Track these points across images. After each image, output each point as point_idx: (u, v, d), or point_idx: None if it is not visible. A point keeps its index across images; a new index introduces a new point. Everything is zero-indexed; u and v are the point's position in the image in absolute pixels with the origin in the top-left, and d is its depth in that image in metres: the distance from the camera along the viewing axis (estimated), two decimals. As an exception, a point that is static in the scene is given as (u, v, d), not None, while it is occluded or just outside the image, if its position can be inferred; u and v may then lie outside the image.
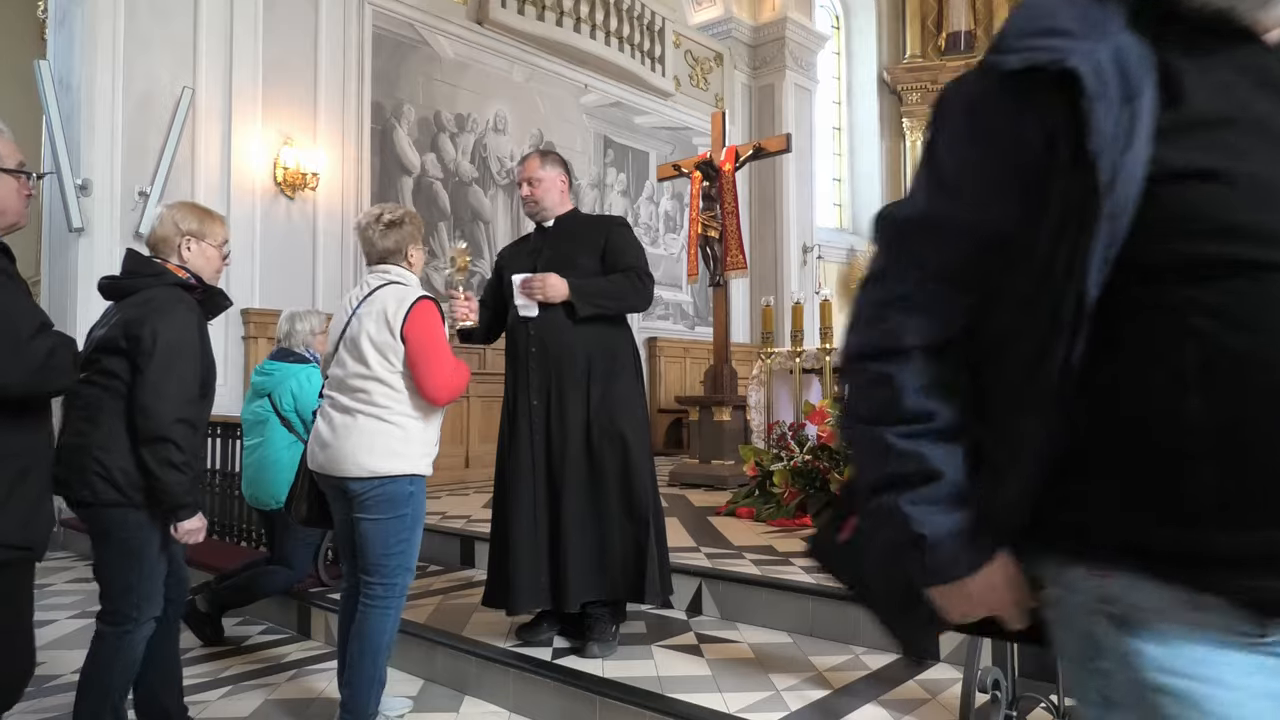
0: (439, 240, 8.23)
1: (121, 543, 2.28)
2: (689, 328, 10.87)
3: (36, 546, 1.90)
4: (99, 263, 5.98)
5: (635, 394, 3.10)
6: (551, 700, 2.76)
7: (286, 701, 2.99)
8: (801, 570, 3.52)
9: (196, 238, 2.46)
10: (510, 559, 2.93)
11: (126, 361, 2.24)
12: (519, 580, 2.91)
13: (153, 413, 2.21)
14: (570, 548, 2.90)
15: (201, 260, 2.47)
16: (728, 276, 6.61)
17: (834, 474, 4.60)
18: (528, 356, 3.04)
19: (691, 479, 6.51)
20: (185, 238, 2.44)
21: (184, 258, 2.44)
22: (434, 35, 8.25)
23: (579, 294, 2.96)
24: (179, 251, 2.44)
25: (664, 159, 9.88)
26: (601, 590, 2.96)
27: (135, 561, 2.29)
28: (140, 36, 6.27)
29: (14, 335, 1.76)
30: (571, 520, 2.92)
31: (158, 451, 2.21)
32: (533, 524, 2.95)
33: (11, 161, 1.93)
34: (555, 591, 2.92)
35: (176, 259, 2.44)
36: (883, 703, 2.51)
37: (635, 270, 3.07)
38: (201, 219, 2.49)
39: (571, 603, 2.91)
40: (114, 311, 2.36)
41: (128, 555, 2.28)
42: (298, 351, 3.79)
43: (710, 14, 11.85)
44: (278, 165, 6.95)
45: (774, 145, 6.65)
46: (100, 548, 2.32)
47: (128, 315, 2.27)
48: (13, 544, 1.84)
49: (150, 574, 2.32)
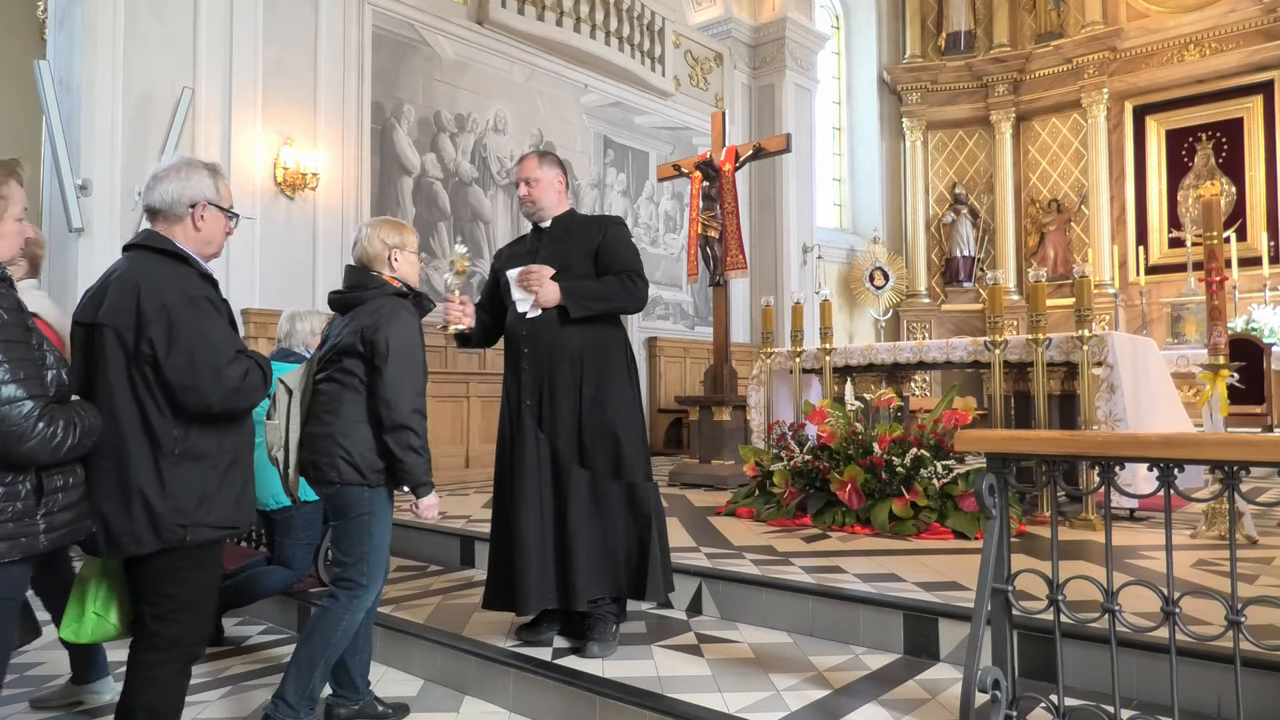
0: (439, 240, 8.23)
1: (358, 518, 2.61)
2: (689, 328, 10.87)
3: (242, 525, 2.23)
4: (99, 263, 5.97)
5: (629, 393, 3.10)
6: (551, 700, 2.76)
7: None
8: (801, 570, 3.52)
9: (400, 249, 2.76)
10: (518, 559, 2.93)
11: (363, 363, 2.61)
12: (528, 580, 2.91)
13: (394, 405, 2.56)
14: (577, 546, 2.91)
15: (407, 267, 2.78)
16: (728, 276, 6.61)
17: (834, 474, 4.61)
18: (521, 357, 3.05)
19: (691, 479, 6.51)
20: (392, 250, 2.75)
21: (394, 268, 2.75)
22: (434, 35, 8.25)
23: (570, 296, 2.97)
24: (389, 264, 2.75)
25: (664, 159, 9.88)
26: (606, 588, 2.97)
27: (367, 535, 2.62)
28: (140, 36, 6.27)
29: (214, 363, 2.07)
30: (578, 519, 2.93)
31: (400, 438, 2.57)
32: (539, 523, 2.95)
33: (227, 202, 2.29)
34: (563, 590, 2.93)
35: (388, 270, 2.75)
36: (883, 703, 2.51)
37: (628, 272, 3.07)
38: (400, 231, 2.79)
39: (580, 601, 2.91)
40: (345, 320, 2.70)
41: (362, 529, 2.62)
42: (298, 351, 3.79)
43: (710, 14, 11.86)
44: (278, 165, 6.95)
45: (774, 145, 6.65)
46: (339, 524, 2.67)
47: (362, 323, 2.62)
48: (226, 524, 2.15)
49: (379, 546, 2.66)
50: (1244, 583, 3.10)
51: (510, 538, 2.98)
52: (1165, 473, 1.89)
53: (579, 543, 2.91)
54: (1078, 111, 12.89)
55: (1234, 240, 10.85)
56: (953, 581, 3.26)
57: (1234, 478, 1.83)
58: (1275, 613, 2.64)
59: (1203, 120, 12.00)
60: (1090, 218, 12.65)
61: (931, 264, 13.95)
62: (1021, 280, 13.04)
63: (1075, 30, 12.77)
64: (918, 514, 4.32)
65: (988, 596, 2.10)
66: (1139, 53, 12.36)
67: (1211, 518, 4.04)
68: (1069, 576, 2.05)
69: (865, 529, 4.41)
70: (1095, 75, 12.58)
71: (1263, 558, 3.60)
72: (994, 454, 2.15)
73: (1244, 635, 1.81)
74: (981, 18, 13.77)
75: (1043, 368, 4.59)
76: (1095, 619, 1.97)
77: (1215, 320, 3.84)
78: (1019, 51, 13.32)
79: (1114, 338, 4.57)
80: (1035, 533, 4.22)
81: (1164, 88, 12.26)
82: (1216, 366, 3.85)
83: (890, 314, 13.66)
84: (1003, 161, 13.46)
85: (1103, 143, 12.58)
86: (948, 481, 4.37)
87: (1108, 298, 12.13)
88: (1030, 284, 4.74)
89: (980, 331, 11.15)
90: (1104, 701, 2.02)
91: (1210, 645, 2.13)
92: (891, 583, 3.27)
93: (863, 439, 4.62)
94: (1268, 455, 1.77)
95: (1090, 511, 4.36)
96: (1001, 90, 13.43)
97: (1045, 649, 2.42)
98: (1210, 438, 1.90)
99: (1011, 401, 5.07)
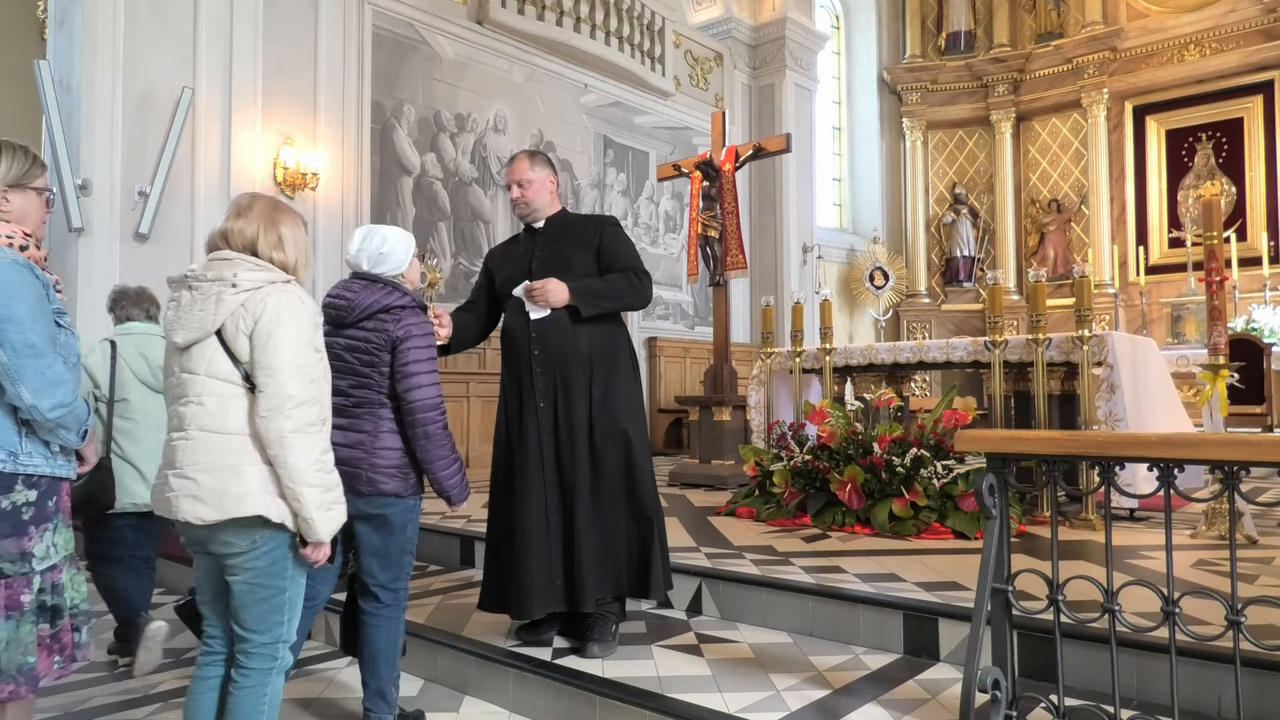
0: (439, 240, 8.23)
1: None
2: (689, 328, 10.87)
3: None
4: (99, 263, 5.98)
5: (635, 392, 3.12)
6: (551, 700, 2.76)
7: (287, 701, 2.98)
8: (801, 570, 3.52)
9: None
10: (521, 562, 2.92)
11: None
12: (533, 583, 2.90)
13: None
14: (584, 548, 2.91)
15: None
16: (728, 276, 6.61)
17: (834, 474, 4.61)
18: (530, 359, 3.03)
19: (691, 479, 6.51)
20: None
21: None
22: (434, 35, 8.25)
23: (580, 295, 2.97)
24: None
25: (664, 159, 9.88)
26: (608, 587, 2.97)
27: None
28: (140, 36, 6.27)
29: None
30: (584, 521, 2.93)
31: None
32: (544, 526, 2.94)
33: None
34: (570, 592, 2.92)
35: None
36: (883, 703, 2.51)
37: (633, 269, 3.09)
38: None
39: (587, 602, 2.91)
40: None
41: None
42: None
43: (710, 14, 11.86)
44: (277, 165, 6.95)
45: (774, 145, 6.65)
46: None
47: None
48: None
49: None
50: (1244, 583, 3.10)
51: (512, 540, 2.97)
52: (1165, 473, 1.89)
53: (585, 543, 2.91)
54: (1078, 111, 12.89)
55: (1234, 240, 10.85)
56: (953, 581, 3.26)
57: (1234, 478, 1.83)
58: (1275, 613, 2.64)
59: (1203, 120, 12.01)
60: (1090, 218, 12.65)
61: (931, 264, 13.95)
62: (1021, 280, 13.04)
63: (1075, 30, 12.77)
64: (918, 514, 4.32)
65: (988, 596, 2.10)
66: (1139, 53, 12.36)
67: (1211, 518, 4.04)
68: (1069, 576, 2.05)
69: (865, 529, 4.41)
70: (1095, 75, 12.58)
71: (1263, 558, 3.60)
72: (994, 454, 2.15)
73: (1244, 635, 1.81)
74: (981, 18, 13.77)
75: (1043, 368, 4.59)
76: (1095, 619, 1.97)
77: (1215, 320, 3.84)
78: (1019, 51, 13.32)
79: (1114, 338, 4.57)
80: (1035, 533, 4.22)
81: (1164, 88, 12.26)
82: (1216, 366, 3.85)
83: (890, 314, 13.66)
84: (1003, 161, 13.46)
85: (1103, 143, 12.58)
86: (948, 481, 4.37)
87: (1108, 298, 12.13)
88: (1030, 284, 4.74)
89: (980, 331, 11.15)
90: (1104, 701, 2.02)
91: (1210, 645, 2.13)
92: (891, 583, 3.27)
93: (863, 439, 4.62)
94: (1268, 455, 1.77)
95: (1090, 511, 4.36)
96: (1001, 90, 13.44)
97: (1045, 649, 2.42)
98: (1210, 438, 1.90)
99: (1011, 401, 5.07)
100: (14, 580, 1.89)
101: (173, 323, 2.00)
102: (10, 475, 1.91)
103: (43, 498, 1.99)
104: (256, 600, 2.01)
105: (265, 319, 1.94)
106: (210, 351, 1.96)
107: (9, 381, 1.88)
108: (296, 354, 1.97)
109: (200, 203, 6.52)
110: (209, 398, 1.95)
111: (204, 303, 1.97)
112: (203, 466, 1.93)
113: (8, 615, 1.87)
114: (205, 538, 1.98)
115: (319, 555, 2.03)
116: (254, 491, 1.93)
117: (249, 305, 1.96)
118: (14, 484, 1.92)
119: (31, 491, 1.96)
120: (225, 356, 1.95)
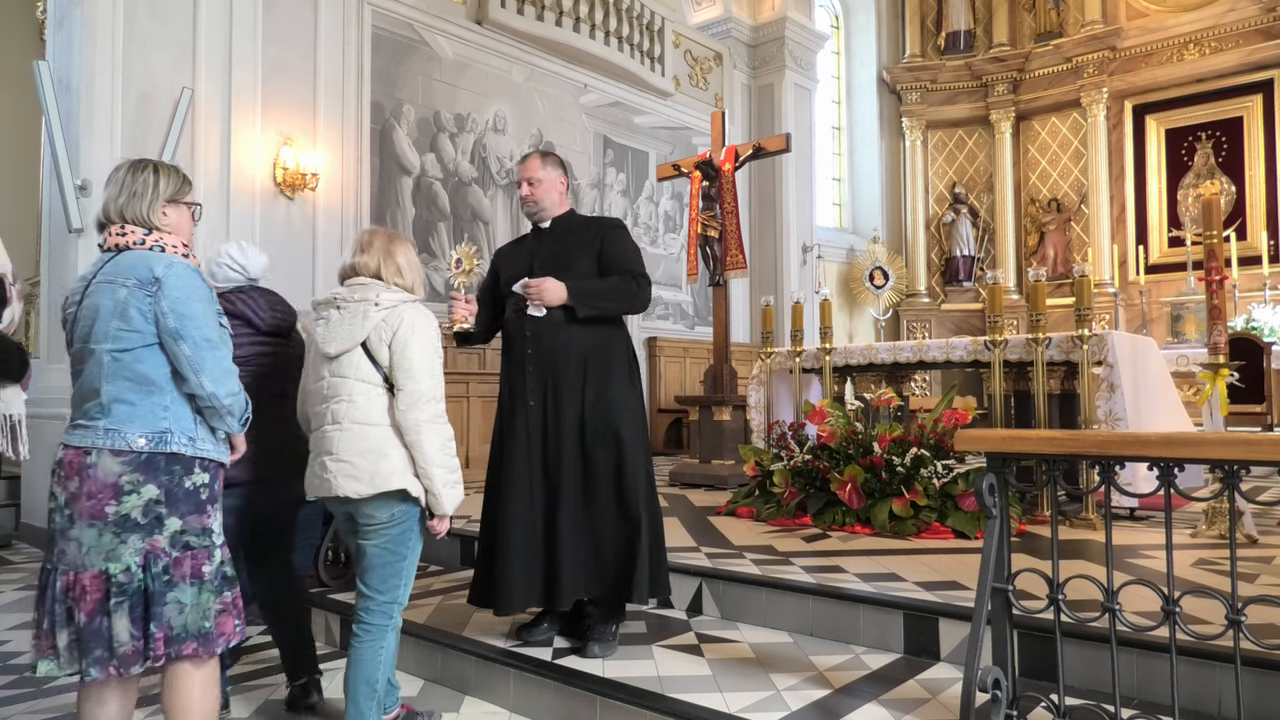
0: (439, 240, 8.23)
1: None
2: (689, 328, 10.87)
3: None
4: (98, 263, 5.96)
5: (630, 394, 3.10)
6: (551, 700, 2.76)
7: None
8: (802, 570, 3.52)
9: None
10: (504, 560, 2.92)
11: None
12: (513, 580, 2.91)
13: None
14: (565, 548, 2.90)
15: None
16: (727, 276, 6.61)
17: (834, 474, 4.61)
18: (524, 357, 3.04)
19: (691, 479, 6.51)
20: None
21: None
22: (433, 35, 8.25)
23: (577, 295, 2.97)
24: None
25: (663, 159, 9.88)
26: (593, 588, 2.96)
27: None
28: (140, 36, 6.27)
29: None
30: (567, 521, 2.92)
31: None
32: (528, 525, 2.94)
33: None
34: (548, 590, 2.93)
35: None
36: (883, 702, 2.51)
37: (632, 273, 3.09)
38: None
39: (564, 600, 2.92)
40: None
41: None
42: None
43: (710, 14, 11.86)
44: (277, 165, 6.95)
45: (773, 145, 6.65)
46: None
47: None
48: None
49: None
50: (1244, 582, 3.10)
51: (497, 537, 2.97)
52: (1165, 472, 1.89)
53: (567, 544, 2.90)
54: (1077, 111, 12.89)
55: (1234, 239, 10.86)
56: (953, 581, 3.26)
57: (1234, 477, 1.83)
58: (1275, 612, 2.64)
59: (1202, 119, 12.01)
60: (1090, 217, 12.65)
61: (931, 263, 13.94)
62: (1021, 280, 13.04)
63: (1075, 30, 12.77)
64: (918, 513, 4.32)
65: (988, 596, 2.10)
66: (1139, 52, 12.37)
67: (1211, 517, 4.04)
68: (1069, 576, 2.05)
69: (865, 529, 4.41)
70: (1095, 74, 12.58)
71: (1263, 557, 3.60)
72: (994, 453, 2.15)
73: (1244, 634, 1.81)
74: (981, 17, 13.77)
75: (1042, 367, 4.59)
76: (1095, 618, 1.97)
77: (1215, 319, 3.84)
78: (1019, 51, 13.32)
79: (1114, 337, 4.57)
80: (1035, 532, 4.22)
81: (1164, 87, 12.26)
82: (1216, 366, 3.85)
83: (890, 314, 13.66)
84: (1002, 161, 13.46)
85: (1102, 142, 12.58)
86: (948, 481, 4.37)
87: (1108, 297, 12.13)
88: (1030, 283, 4.74)
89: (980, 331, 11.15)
90: (1104, 701, 2.02)
91: (1210, 644, 2.14)
92: (892, 582, 3.27)
93: (863, 439, 4.62)
94: (1268, 455, 1.77)
95: (1090, 511, 4.36)
96: (1001, 90, 13.43)
97: (1045, 648, 2.42)
98: (1210, 437, 1.90)
99: (1011, 401, 5.07)
100: (198, 551, 2.10)
101: (325, 336, 2.44)
102: (191, 458, 2.12)
103: (212, 480, 2.18)
104: (384, 564, 2.44)
105: (402, 331, 2.39)
106: (357, 359, 2.39)
107: (192, 372, 2.08)
108: (427, 359, 2.41)
109: (199, 203, 6.49)
110: (358, 396, 2.38)
111: (351, 319, 2.41)
112: (356, 451, 2.36)
113: (192, 582, 2.08)
114: (354, 510, 2.41)
115: (442, 527, 2.47)
116: (399, 470, 2.36)
117: (389, 320, 2.40)
118: (194, 466, 2.12)
119: (205, 474, 2.15)
120: (369, 362, 2.39)
